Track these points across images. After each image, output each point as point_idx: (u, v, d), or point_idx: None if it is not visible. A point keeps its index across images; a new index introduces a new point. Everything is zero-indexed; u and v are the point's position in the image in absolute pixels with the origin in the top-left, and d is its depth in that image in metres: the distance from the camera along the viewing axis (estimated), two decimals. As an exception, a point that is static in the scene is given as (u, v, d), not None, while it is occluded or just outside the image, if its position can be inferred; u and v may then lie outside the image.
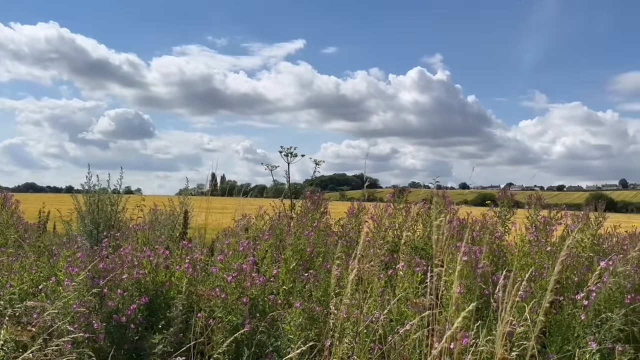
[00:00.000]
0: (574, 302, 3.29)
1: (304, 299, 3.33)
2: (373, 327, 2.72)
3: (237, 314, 3.14)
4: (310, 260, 4.12)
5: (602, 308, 3.26)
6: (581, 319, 3.17)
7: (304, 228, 4.52)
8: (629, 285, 3.34)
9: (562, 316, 3.29)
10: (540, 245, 3.98)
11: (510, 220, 4.98)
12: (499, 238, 4.47)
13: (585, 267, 3.81)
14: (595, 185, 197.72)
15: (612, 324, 3.04)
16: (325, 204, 5.30)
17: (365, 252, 4.01)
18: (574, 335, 3.19)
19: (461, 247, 3.57)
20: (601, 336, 3.07)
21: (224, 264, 3.40)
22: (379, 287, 3.45)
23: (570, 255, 3.87)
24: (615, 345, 2.98)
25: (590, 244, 4.35)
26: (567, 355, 3.01)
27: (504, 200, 5.04)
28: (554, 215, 4.57)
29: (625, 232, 4.69)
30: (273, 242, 4.30)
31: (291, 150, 4.87)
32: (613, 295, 3.30)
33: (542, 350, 3.15)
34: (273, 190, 6.82)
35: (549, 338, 3.28)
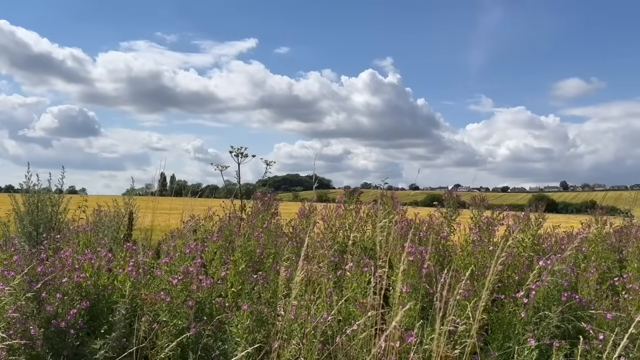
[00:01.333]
0: (515, 300, 3.42)
1: (253, 301, 3.30)
2: (320, 328, 2.73)
3: (183, 318, 3.07)
4: (260, 261, 4.09)
5: (541, 306, 3.38)
6: (521, 316, 3.29)
7: (254, 229, 4.48)
8: (565, 284, 3.49)
9: (503, 314, 3.40)
10: (483, 245, 4.10)
11: (455, 220, 5.11)
12: (445, 238, 4.58)
13: (525, 266, 3.95)
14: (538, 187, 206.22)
15: (549, 321, 3.16)
16: (276, 205, 5.28)
17: (314, 253, 4.02)
18: (515, 332, 3.30)
19: (407, 248, 3.65)
20: (540, 333, 3.19)
21: (170, 267, 3.32)
22: (328, 287, 3.46)
23: (511, 254, 4.01)
24: (552, 342, 3.09)
25: (531, 244, 4.52)
26: (508, 352, 3.11)
27: (450, 201, 5.18)
28: (496, 216, 4.74)
29: (563, 232, 4.91)
30: (222, 243, 4.24)
31: (241, 150, 4.82)
32: (551, 294, 3.44)
33: (484, 347, 3.25)
34: (225, 191, 6.72)
35: (491, 335, 3.38)
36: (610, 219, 4.66)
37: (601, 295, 3.46)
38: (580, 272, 3.84)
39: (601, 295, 3.47)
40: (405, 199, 30.92)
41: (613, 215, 5.79)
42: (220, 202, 5.59)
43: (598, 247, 4.31)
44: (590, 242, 4.39)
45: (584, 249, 4.26)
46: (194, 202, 6.32)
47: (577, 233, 4.88)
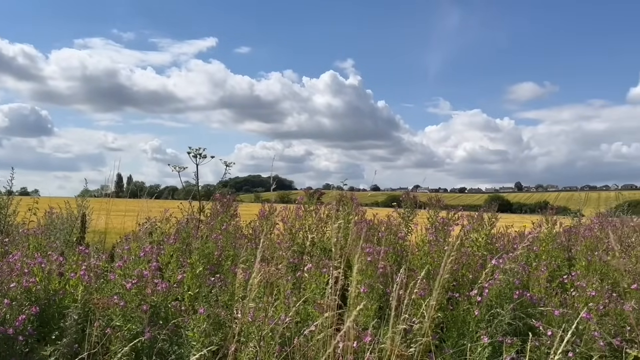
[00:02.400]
0: (469, 298, 3.50)
1: (210, 304, 3.26)
2: (278, 329, 2.72)
3: (137, 322, 3.01)
4: (219, 264, 4.05)
5: (494, 303, 3.48)
6: (475, 314, 3.38)
7: (212, 231, 4.43)
8: (517, 282, 3.60)
9: (458, 312, 3.48)
10: (439, 244, 4.19)
11: (412, 221, 5.20)
12: (402, 238, 4.65)
13: (479, 265, 4.05)
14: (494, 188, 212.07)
15: (501, 318, 3.25)
16: (235, 206, 5.23)
17: (273, 255, 4.01)
18: (469, 330, 3.38)
19: (365, 248, 3.69)
20: (492, 330, 3.28)
21: (124, 271, 3.24)
22: (287, 289, 3.46)
23: (465, 254, 4.11)
24: (504, 338, 3.19)
25: (485, 243, 4.65)
26: (462, 349, 3.18)
27: (407, 202, 5.26)
28: (451, 216, 4.85)
29: (516, 231, 5.06)
30: (179, 246, 4.17)
31: (200, 151, 4.75)
32: (503, 292, 3.54)
33: (440, 345, 3.32)
34: (184, 192, 6.61)
35: (446, 333, 3.45)
36: (559, 218, 4.83)
37: (551, 293, 3.59)
38: (531, 270, 3.97)
39: (551, 292, 3.60)
40: (366, 199, 31.32)
41: (563, 216, 6.02)
42: (179, 204, 5.49)
43: (548, 246, 4.47)
44: (541, 241, 4.54)
45: (535, 248, 4.41)
46: (151, 204, 6.19)
47: (528, 232, 5.04)
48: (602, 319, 3.23)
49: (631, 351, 2.72)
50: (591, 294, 3.38)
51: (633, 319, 3.14)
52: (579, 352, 2.89)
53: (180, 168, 4.81)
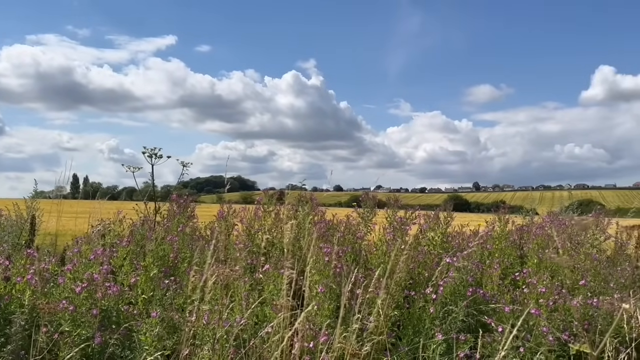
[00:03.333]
0: (424, 296, 3.55)
1: (164, 308, 3.20)
2: (233, 331, 2.69)
3: (87, 327, 2.91)
4: (174, 266, 3.97)
5: (448, 301, 3.55)
6: (430, 311, 3.43)
7: (168, 233, 4.34)
8: (470, 279, 3.68)
9: (413, 310, 3.53)
10: (397, 243, 4.23)
11: (372, 220, 5.24)
12: (361, 238, 4.68)
13: (435, 264, 4.12)
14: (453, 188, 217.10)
15: (455, 315, 3.32)
16: (192, 207, 5.15)
17: (231, 256, 3.96)
18: (424, 327, 3.43)
19: (323, 248, 3.70)
20: (447, 327, 3.34)
21: (73, 274, 3.14)
22: (244, 290, 3.42)
23: (421, 252, 4.17)
24: (458, 335, 3.25)
25: (440, 242, 4.73)
26: (418, 347, 3.23)
27: (367, 201, 5.30)
28: (409, 215, 4.91)
29: (470, 230, 5.17)
30: (133, 248, 4.07)
31: (155, 151, 4.65)
32: (457, 289, 3.61)
33: (396, 343, 3.35)
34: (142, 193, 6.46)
35: (402, 331, 3.49)
36: (512, 217, 4.97)
37: (503, 290, 3.68)
38: (485, 268, 4.07)
39: (503, 289, 3.69)
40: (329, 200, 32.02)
41: (516, 214, 6.19)
42: (134, 205, 5.37)
43: (501, 245, 4.59)
44: (495, 239, 4.66)
45: (489, 246, 4.51)
46: (105, 205, 6.01)
47: (483, 231, 5.16)
48: (551, 315, 3.33)
49: (573, 345, 2.81)
50: (541, 290, 3.48)
51: (579, 314, 3.26)
52: (529, 347, 2.98)
53: (134, 168, 4.69)
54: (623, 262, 4.17)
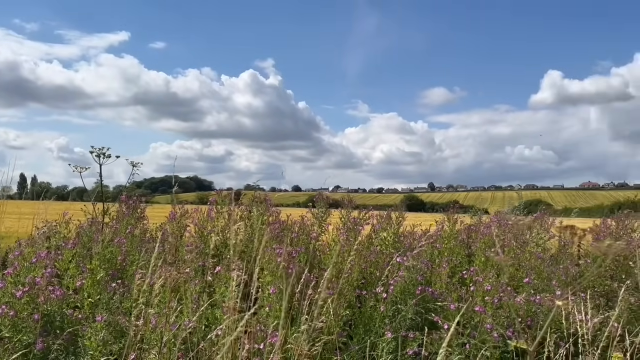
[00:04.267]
0: (375, 295, 3.61)
1: (111, 311, 3.12)
2: (180, 334, 2.65)
3: (29, 333, 2.81)
4: (122, 269, 3.88)
5: (398, 299, 3.61)
6: (381, 310, 3.48)
7: (116, 234, 4.23)
8: (420, 278, 3.76)
9: (365, 309, 3.58)
10: (349, 244, 4.28)
11: (326, 221, 5.28)
12: (315, 238, 4.71)
13: (386, 263, 4.18)
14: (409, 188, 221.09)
15: (404, 314, 3.38)
16: (142, 208, 5.04)
17: (181, 258, 3.90)
18: (375, 326, 3.49)
19: (276, 249, 3.70)
20: (396, 325, 3.40)
21: (14, 278, 3.02)
22: (194, 293, 3.38)
23: (373, 252, 4.23)
24: (407, 333, 3.32)
25: (392, 241, 4.81)
26: (368, 346, 3.27)
27: (321, 202, 5.33)
28: (362, 215, 4.97)
29: (421, 229, 5.27)
30: (79, 251, 3.95)
31: (103, 150, 4.51)
32: (407, 288, 3.68)
33: (347, 342, 3.39)
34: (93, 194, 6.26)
35: (353, 330, 3.53)
36: (460, 217, 5.10)
37: (451, 288, 3.78)
38: (435, 267, 4.17)
39: (451, 288, 3.79)
40: (288, 200, 32.12)
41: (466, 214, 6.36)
42: (82, 206, 5.20)
43: (450, 244, 4.71)
44: (444, 239, 4.78)
45: (438, 246, 4.62)
46: (55, 206, 5.80)
47: (434, 231, 5.28)
48: (496, 312, 3.45)
49: (511, 342, 2.92)
50: (487, 288, 3.59)
51: (522, 311, 3.39)
52: (474, 343, 3.07)
53: (81, 168, 4.55)
54: (565, 260, 4.36)
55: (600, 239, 4.80)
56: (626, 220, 4.80)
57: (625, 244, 4.23)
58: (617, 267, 4.52)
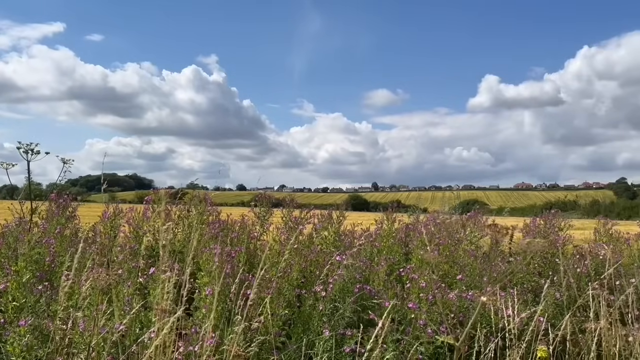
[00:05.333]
0: (315, 294, 3.62)
1: (37, 315, 2.97)
2: (110, 338, 2.56)
3: (-57, 341, 2.62)
4: (50, 271, 3.70)
5: (337, 298, 3.64)
6: (320, 309, 3.50)
7: (45, 234, 4.03)
8: (358, 276, 3.80)
9: (304, 308, 3.58)
10: (290, 243, 4.27)
11: (268, 220, 5.25)
12: (255, 238, 4.67)
13: (327, 262, 4.20)
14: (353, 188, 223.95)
15: (342, 312, 3.41)
16: (74, 207, 4.83)
17: (114, 259, 3.77)
18: (314, 325, 3.50)
19: (213, 249, 3.64)
20: (335, 323, 3.43)
21: None
22: (127, 294, 3.27)
23: (314, 251, 4.25)
24: (345, 331, 3.35)
25: (333, 240, 4.86)
26: (306, 344, 3.28)
27: (263, 201, 5.30)
28: (304, 215, 4.99)
29: (361, 228, 5.35)
30: (4, 251, 3.74)
31: (31, 146, 4.29)
32: (346, 286, 3.72)
33: (286, 342, 3.38)
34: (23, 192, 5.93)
35: (292, 329, 3.53)
36: (399, 216, 5.22)
37: (388, 286, 3.85)
38: (373, 265, 4.23)
39: (388, 285, 3.86)
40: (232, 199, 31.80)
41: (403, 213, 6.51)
42: (9, 205, 4.93)
43: (389, 242, 4.80)
44: (383, 237, 4.86)
45: (377, 244, 4.70)
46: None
47: (374, 230, 5.37)
48: (431, 308, 3.54)
49: (439, 337, 3.01)
50: (422, 285, 3.68)
51: (455, 307, 3.50)
52: (408, 339, 3.14)
53: (8, 165, 4.30)
54: (496, 257, 4.54)
55: (529, 237, 5.05)
56: (553, 220, 5.06)
57: (546, 242, 4.46)
58: (545, 264, 4.76)
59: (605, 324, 3.20)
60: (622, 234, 5.45)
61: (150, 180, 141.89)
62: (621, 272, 4.41)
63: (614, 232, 5.45)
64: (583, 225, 8.77)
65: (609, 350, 3.01)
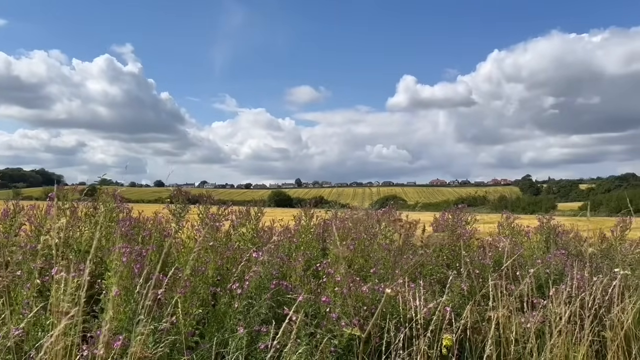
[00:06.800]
0: (231, 291, 3.58)
1: None
2: (5, 343, 2.38)
3: None
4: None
5: (253, 294, 3.62)
6: (235, 306, 3.46)
7: None
8: (275, 272, 3.80)
9: (219, 306, 3.53)
10: (205, 240, 4.19)
11: (184, 217, 5.11)
12: (169, 236, 4.53)
13: (244, 259, 4.16)
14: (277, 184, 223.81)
15: (257, 309, 3.40)
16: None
17: (11, 259, 3.51)
18: (229, 323, 3.46)
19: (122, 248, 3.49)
20: (250, 320, 3.41)
21: None
22: (27, 297, 3.07)
23: (230, 248, 4.20)
24: (261, 327, 3.34)
25: (251, 237, 4.82)
26: (220, 343, 3.23)
27: (178, 197, 5.15)
28: (222, 211, 4.90)
29: (280, 225, 5.35)
30: None
31: None
32: (262, 283, 3.71)
33: (199, 341, 3.31)
34: None
35: (206, 328, 3.47)
36: (317, 212, 5.27)
37: (304, 281, 3.88)
38: (291, 260, 4.25)
39: (304, 281, 3.90)
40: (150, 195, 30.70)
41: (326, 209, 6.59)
42: None
43: (307, 238, 4.84)
44: (301, 233, 4.90)
45: (295, 240, 4.73)
46: None
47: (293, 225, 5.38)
48: (345, 302, 3.61)
49: (346, 329, 3.09)
50: (337, 279, 3.75)
51: (368, 299, 3.59)
52: (322, 332, 3.18)
53: None
54: (408, 250, 4.71)
55: (439, 231, 5.29)
56: (460, 214, 5.33)
57: (444, 235, 4.69)
58: (453, 257, 5.01)
59: (505, 312, 3.42)
60: (523, 227, 5.84)
61: (60, 175, 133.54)
62: (521, 263, 4.74)
63: (516, 225, 5.83)
64: (491, 219, 9.31)
65: (507, 337, 3.22)
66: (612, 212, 52.90)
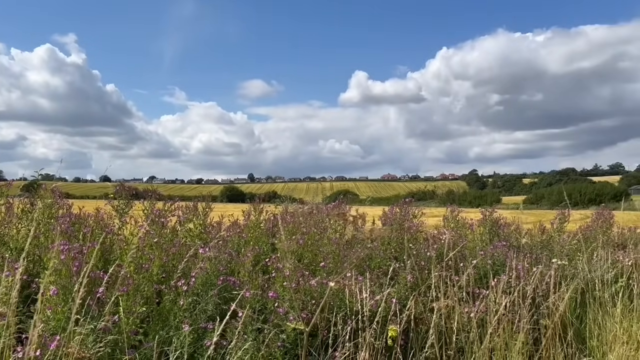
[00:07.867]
0: (176, 288, 3.50)
1: None
2: None
3: None
4: None
5: (200, 291, 3.56)
6: (180, 304, 3.39)
7: None
8: (222, 268, 3.75)
9: (164, 304, 3.45)
10: (149, 237, 4.08)
11: (128, 213, 4.96)
12: (112, 232, 4.39)
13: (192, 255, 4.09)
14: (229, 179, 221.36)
15: (203, 305, 3.34)
16: None
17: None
18: (175, 320, 3.38)
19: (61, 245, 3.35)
20: (196, 317, 3.35)
21: None
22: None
23: (176, 244, 4.11)
24: (207, 324, 3.28)
25: (199, 233, 4.73)
26: (164, 341, 3.16)
27: (122, 193, 4.99)
28: (168, 207, 4.79)
29: (229, 220, 5.29)
30: None
31: None
32: (209, 279, 3.65)
33: (143, 340, 3.23)
34: None
35: (150, 326, 3.38)
36: (267, 207, 5.24)
37: (253, 277, 3.85)
38: (240, 256, 4.20)
39: (253, 276, 3.86)
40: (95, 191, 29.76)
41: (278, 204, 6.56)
42: None
43: (256, 233, 4.80)
44: (250, 228, 4.85)
45: (244, 235, 4.68)
46: None
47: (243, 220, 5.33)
48: (294, 296, 3.61)
49: (290, 323, 3.09)
50: (286, 274, 3.74)
51: (317, 293, 3.60)
52: (269, 327, 3.17)
53: None
54: (357, 244, 4.76)
55: (387, 224, 5.37)
56: (408, 208, 5.43)
57: (388, 229, 4.77)
58: (400, 250, 5.09)
59: (450, 303, 3.51)
60: (467, 220, 6.02)
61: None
62: (465, 255, 4.87)
63: (461, 218, 6.00)
64: (439, 212, 9.55)
65: (450, 326, 3.31)
66: (553, 205, 55.45)
